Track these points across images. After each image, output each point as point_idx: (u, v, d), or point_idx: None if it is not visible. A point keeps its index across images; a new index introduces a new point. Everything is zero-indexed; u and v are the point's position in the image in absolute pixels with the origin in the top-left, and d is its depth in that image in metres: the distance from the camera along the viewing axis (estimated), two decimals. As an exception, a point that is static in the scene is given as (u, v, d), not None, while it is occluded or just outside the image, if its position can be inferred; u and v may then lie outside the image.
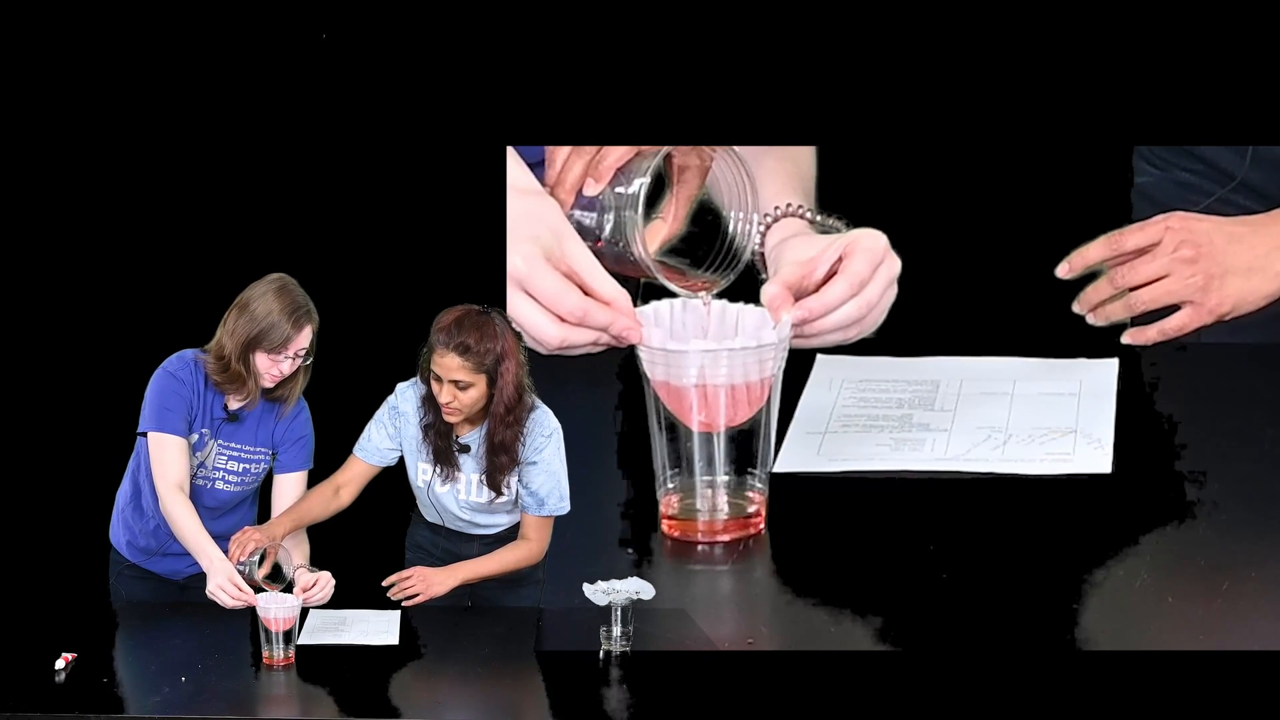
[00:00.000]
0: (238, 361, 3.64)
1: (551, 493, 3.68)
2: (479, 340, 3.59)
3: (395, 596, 3.59)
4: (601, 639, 3.46)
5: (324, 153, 4.53)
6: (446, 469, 3.73)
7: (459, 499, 3.76)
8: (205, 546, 3.62)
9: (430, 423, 3.71)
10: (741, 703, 3.30)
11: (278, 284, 3.67)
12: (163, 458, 3.68)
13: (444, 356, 3.60)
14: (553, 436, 3.68)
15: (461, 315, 3.62)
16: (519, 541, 3.73)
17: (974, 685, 3.29)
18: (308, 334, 3.66)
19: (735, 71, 4.26)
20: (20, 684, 3.36)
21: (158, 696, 3.33)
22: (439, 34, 4.41)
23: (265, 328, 3.62)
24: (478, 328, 3.60)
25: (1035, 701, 3.27)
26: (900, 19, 4.26)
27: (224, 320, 3.67)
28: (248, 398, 3.70)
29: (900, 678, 3.30)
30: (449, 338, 3.60)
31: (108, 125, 4.53)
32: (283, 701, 3.38)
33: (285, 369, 3.67)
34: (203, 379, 3.70)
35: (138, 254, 4.58)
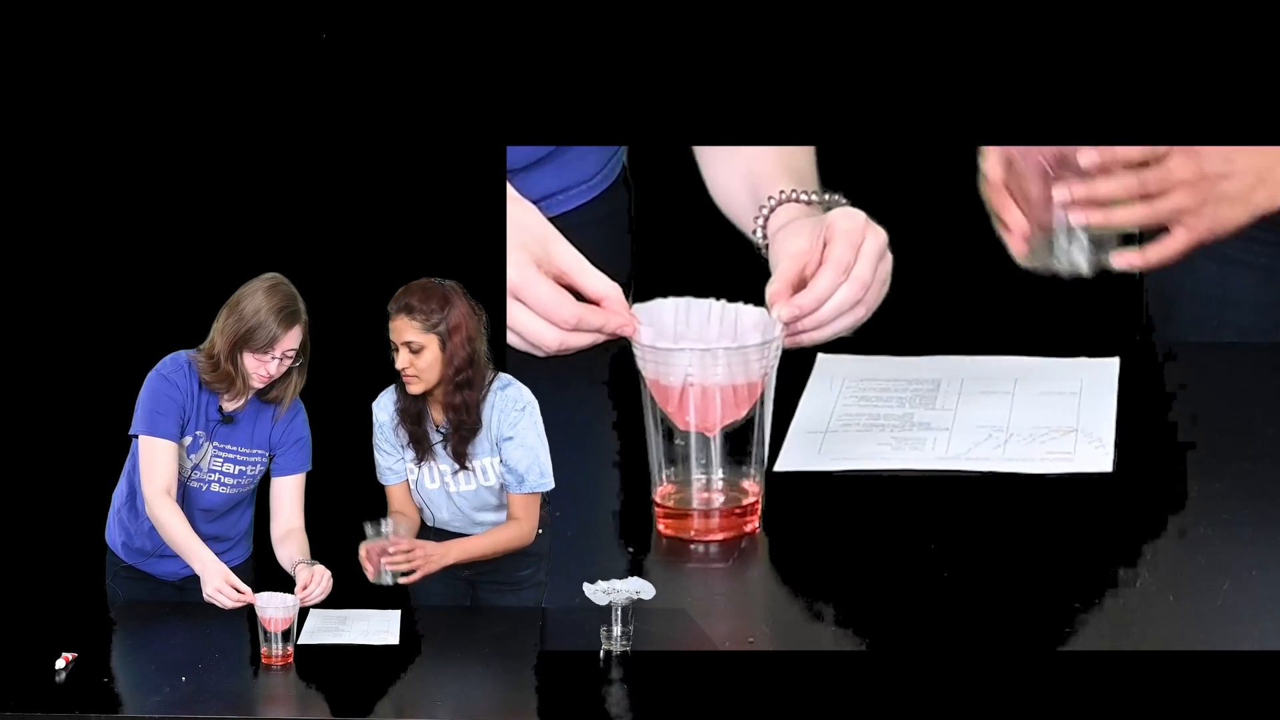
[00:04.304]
0: (226, 360, 3.64)
1: (531, 468, 3.71)
2: (424, 299, 3.70)
3: (391, 566, 3.59)
4: (601, 639, 3.46)
5: (323, 153, 4.53)
6: (423, 453, 3.76)
7: (449, 492, 3.77)
8: (196, 550, 3.61)
9: (403, 407, 3.73)
10: (742, 703, 3.30)
11: (269, 283, 3.66)
12: (152, 461, 3.67)
13: (395, 320, 3.71)
14: (526, 409, 3.72)
15: (411, 283, 3.74)
16: (508, 522, 3.77)
17: (973, 685, 3.28)
18: (296, 334, 3.64)
19: (735, 71, 4.25)
20: (20, 684, 3.36)
21: (158, 696, 3.33)
22: (438, 34, 4.41)
23: (252, 326, 3.61)
24: (423, 289, 3.72)
25: (1035, 701, 3.27)
26: (902, 18, 4.25)
27: (217, 318, 3.67)
28: (238, 398, 3.70)
29: (900, 677, 3.29)
30: (396, 303, 3.72)
31: (108, 125, 4.52)
32: (282, 701, 3.38)
33: (273, 370, 3.65)
34: (196, 381, 3.69)
35: (134, 254, 4.58)
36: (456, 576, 3.86)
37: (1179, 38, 4.20)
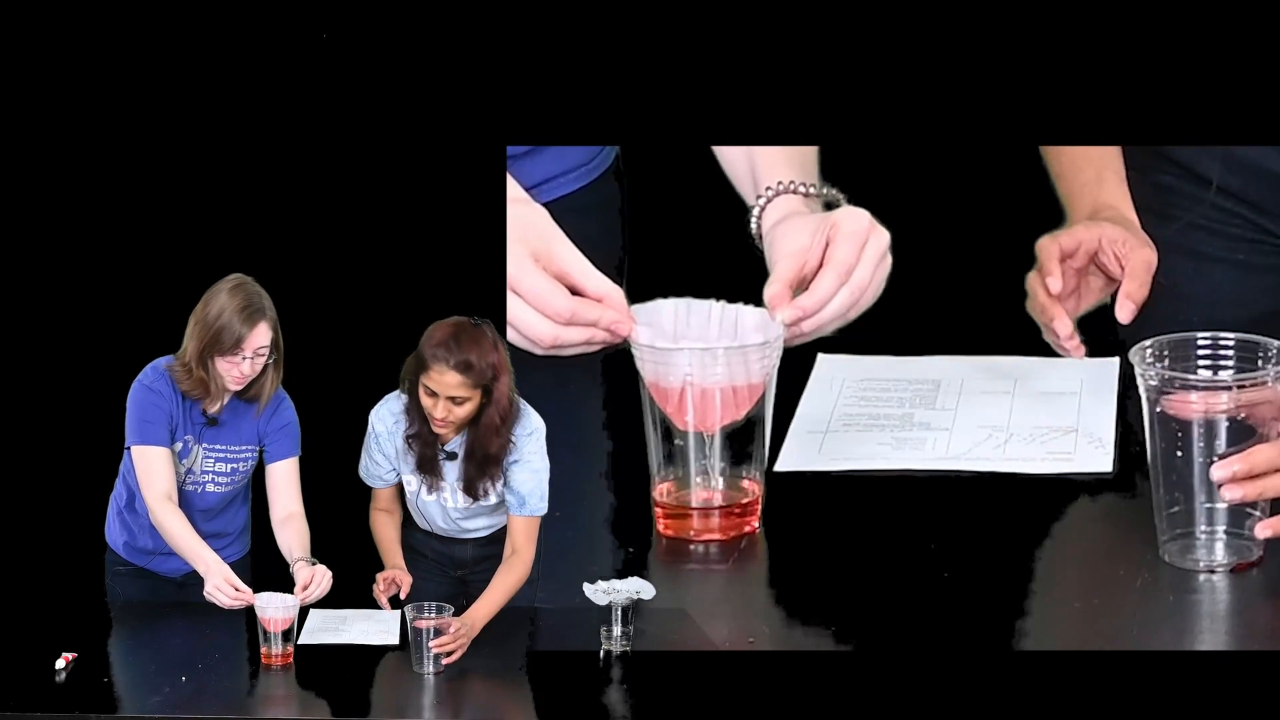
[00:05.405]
0: (199, 367, 3.62)
1: (533, 491, 3.67)
2: (480, 356, 3.56)
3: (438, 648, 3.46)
4: (601, 639, 3.46)
5: (323, 153, 4.53)
6: (431, 478, 3.72)
7: (445, 507, 3.76)
8: (200, 552, 3.61)
9: (415, 432, 3.69)
10: (741, 703, 3.30)
11: (231, 284, 3.64)
12: (149, 469, 3.67)
13: (443, 374, 3.57)
14: (534, 434, 3.67)
15: (456, 330, 3.58)
16: (510, 560, 3.68)
17: (973, 685, 3.28)
18: (263, 332, 3.62)
19: (735, 71, 4.25)
20: (20, 684, 3.36)
21: (157, 696, 3.33)
22: (438, 34, 4.40)
23: (217, 330, 3.59)
24: (476, 343, 3.57)
25: (1035, 701, 3.27)
26: (904, 18, 4.25)
27: (188, 325, 3.65)
28: (216, 401, 3.69)
29: (900, 678, 3.29)
30: (449, 354, 3.56)
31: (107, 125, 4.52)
32: (282, 701, 3.38)
33: (246, 370, 3.63)
34: (178, 388, 3.68)
35: (131, 254, 4.57)
36: (447, 576, 3.85)
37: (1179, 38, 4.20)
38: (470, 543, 3.83)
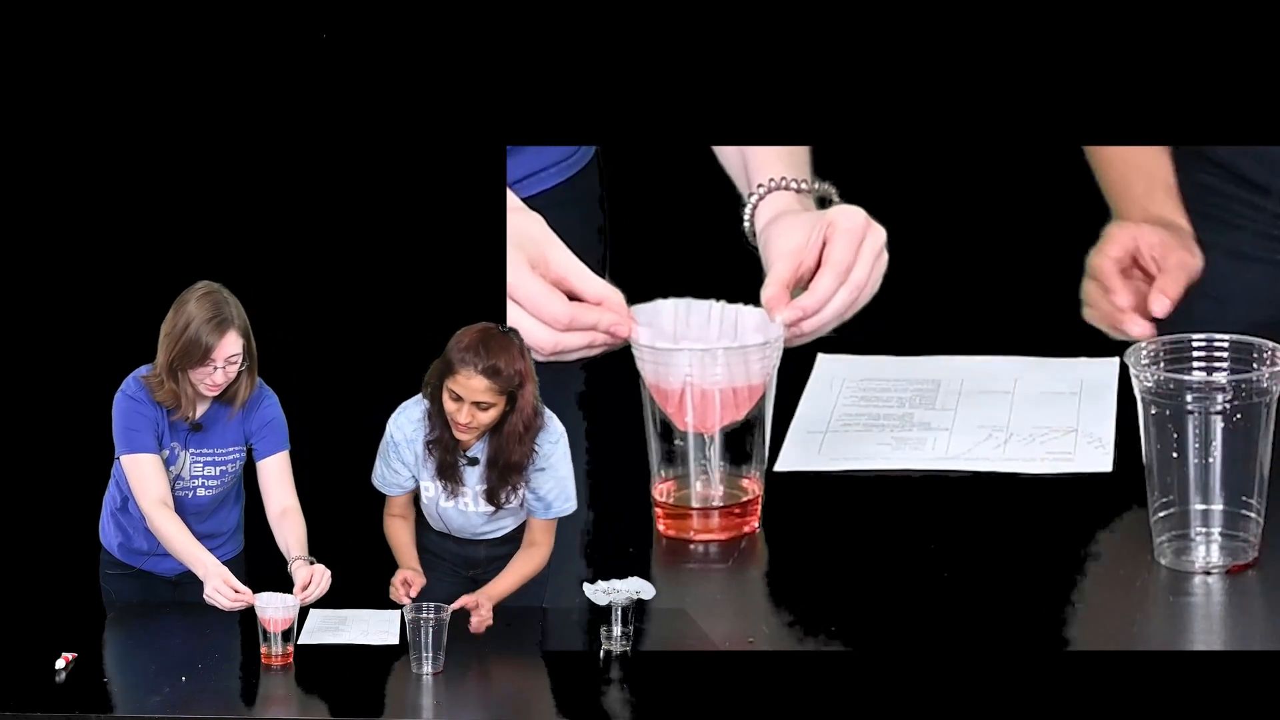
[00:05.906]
0: (169, 379, 3.62)
1: (559, 496, 3.67)
2: (508, 363, 3.54)
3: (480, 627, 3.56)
4: (602, 639, 3.46)
5: (323, 153, 4.53)
6: (451, 484, 3.71)
7: (466, 512, 3.75)
8: (198, 555, 3.61)
9: (436, 438, 3.68)
10: (741, 703, 3.30)
11: (198, 293, 3.62)
12: (141, 477, 3.67)
13: (470, 378, 3.54)
14: (559, 442, 3.66)
15: (484, 335, 3.56)
16: (529, 549, 3.71)
17: (973, 685, 3.28)
18: (233, 340, 3.59)
19: (734, 71, 4.25)
20: (20, 684, 3.36)
21: (157, 696, 3.33)
22: (438, 34, 4.40)
23: (186, 342, 3.57)
24: (505, 349, 3.54)
25: (1035, 701, 3.27)
26: (904, 17, 4.25)
27: (159, 337, 3.64)
28: (190, 408, 3.67)
29: (900, 677, 3.29)
30: (478, 359, 3.53)
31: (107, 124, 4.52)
32: (282, 701, 3.38)
33: (219, 379, 3.61)
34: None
35: (129, 254, 4.57)
36: (460, 576, 3.85)
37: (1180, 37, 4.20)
38: (484, 543, 3.82)
